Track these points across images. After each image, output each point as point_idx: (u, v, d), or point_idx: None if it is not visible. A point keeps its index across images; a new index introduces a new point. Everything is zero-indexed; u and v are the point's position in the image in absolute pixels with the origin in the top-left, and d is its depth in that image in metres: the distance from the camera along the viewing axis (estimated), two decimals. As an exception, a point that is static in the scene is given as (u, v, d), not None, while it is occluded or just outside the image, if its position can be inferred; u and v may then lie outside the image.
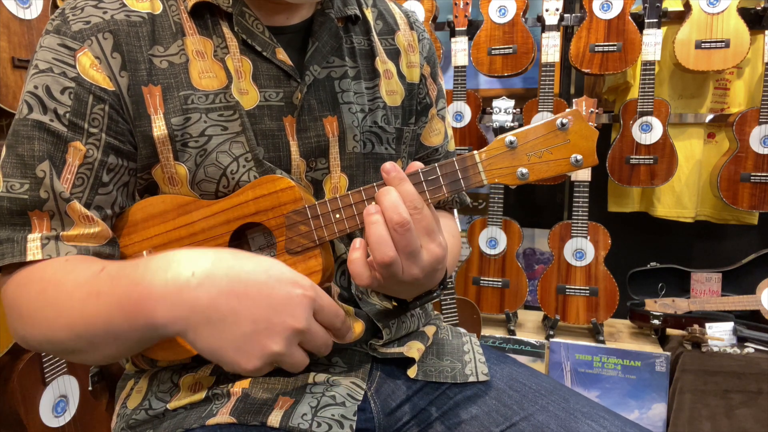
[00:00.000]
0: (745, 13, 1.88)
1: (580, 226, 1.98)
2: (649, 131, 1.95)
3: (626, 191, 2.18)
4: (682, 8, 1.98)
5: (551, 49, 1.99)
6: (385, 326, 0.75)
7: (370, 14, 0.81)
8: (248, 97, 0.68)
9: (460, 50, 2.09)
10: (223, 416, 0.65)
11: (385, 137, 0.77)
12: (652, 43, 1.90)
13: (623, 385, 1.92)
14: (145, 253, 0.67)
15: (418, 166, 0.60)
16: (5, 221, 0.61)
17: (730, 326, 1.86)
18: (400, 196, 0.57)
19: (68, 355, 0.62)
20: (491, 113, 1.94)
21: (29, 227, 0.62)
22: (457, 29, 2.10)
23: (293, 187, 0.63)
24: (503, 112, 1.91)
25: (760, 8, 1.87)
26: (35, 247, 0.61)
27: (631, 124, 1.97)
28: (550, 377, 0.79)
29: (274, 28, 0.71)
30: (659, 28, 1.90)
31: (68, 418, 1.57)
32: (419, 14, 2.14)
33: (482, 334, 2.08)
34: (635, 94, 2.01)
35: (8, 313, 0.63)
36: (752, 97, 2.05)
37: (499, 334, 2.08)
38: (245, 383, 0.70)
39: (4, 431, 1.46)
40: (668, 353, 1.87)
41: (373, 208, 0.57)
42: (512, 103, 1.91)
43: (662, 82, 2.10)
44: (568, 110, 0.59)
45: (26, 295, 0.61)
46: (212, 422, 0.65)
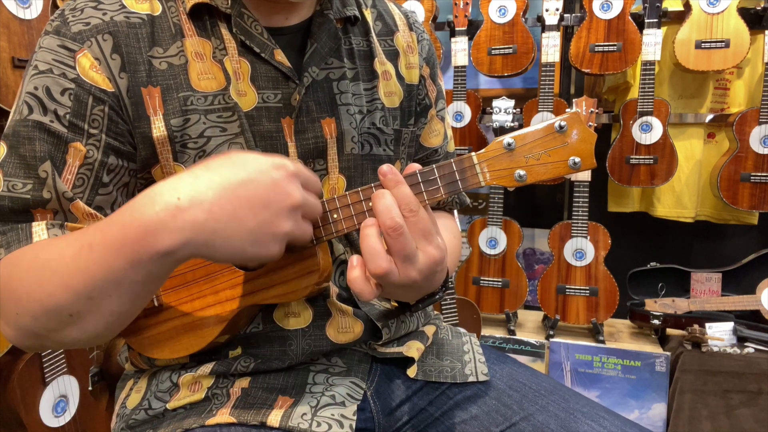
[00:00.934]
0: (745, 13, 1.88)
1: (580, 226, 1.98)
2: (649, 131, 1.95)
3: (626, 191, 2.18)
4: (682, 8, 1.98)
5: (551, 49, 1.99)
6: (384, 326, 0.75)
7: (369, 15, 0.81)
8: (247, 98, 0.68)
9: (460, 50, 2.10)
10: (222, 416, 0.65)
11: (383, 138, 0.77)
12: (652, 43, 1.90)
13: (623, 385, 1.92)
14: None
15: (416, 167, 0.60)
16: (7, 219, 0.61)
17: (730, 326, 1.86)
18: (394, 199, 0.56)
19: (67, 327, 0.58)
20: (491, 113, 1.94)
21: (32, 220, 0.62)
22: (457, 29, 2.10)
23: None
24: (503, 112, 1.91)
25: (760, 8, 1.87)
26: (41, 229, 0.61)
27: (631, 124, 1.97)
28: (550, 377, 0.79)
29: (272, 29, 0.71)
30: (659, 28, 1.90)
31: (68, 418, 1.58)
32: (419, 14, 2.14)
33: (482, 334, 2.08)
34: (635, 94, 2.01)
35: (2, 292, 0.59)
36: (752, 97, 2.05)
37: (499, 334, 2.08)
38: (245, 383, 0.70)
39: (4, 431, 1.46)
40: (668, 353, 1.87)
41: (369, 220, 0.58)
42: (512, 103, 1.91)
43: (662, 82, 2.10)
44: (566, 113, 0.59)
45: (17, 268, 0.59)
46: (212, 422, 0.65)
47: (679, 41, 1.91)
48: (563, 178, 2.14)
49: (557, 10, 1.99)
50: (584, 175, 1.95)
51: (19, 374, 1.43)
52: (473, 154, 0.59)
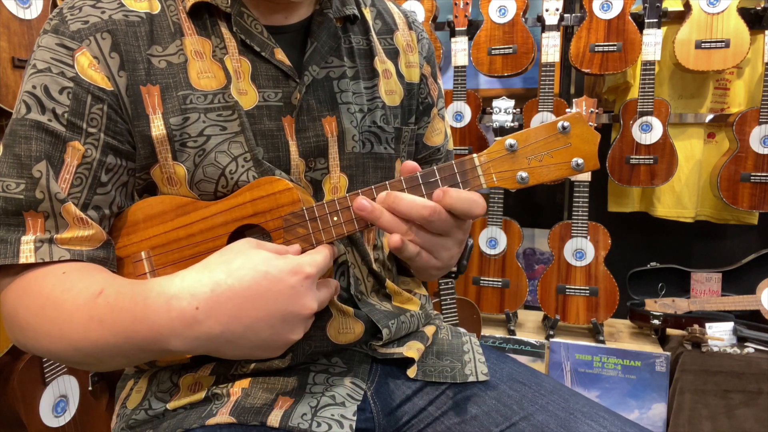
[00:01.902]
0: (745, 13, 1.88)
1: (580, 226, 1.98)
2: (649, 131, 1.95)
3: (626, 191, 2.18)
4: (682, 8, 1.98)
5: (551, 49, 1.99)
6: (384, 326, 0.75)
7: (368, 14, 0.81)
8: (247, 97, 0.68)
9: (460, 50, 2.09)
10: (222, 416, 0.65)
11: (384, 137, 0.77)
12: (652, 43, 1.90)
13: (623, 385, 1.91)
14: (143, 254, 0.67)
15: (411, 165, 0.60)
16: (0, 221, 0.61)
17: (730, 326, 1.86)
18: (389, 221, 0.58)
19: (73, 365, 0.64)
20: (491, 113, 1.93)
21: (23, 228, 0.61)
22: (457, 29, 2.09)
23: (291, 189, 0.63)
24: (503, 112, 1.91)
25: (760, 8, 1.87)
26: (28, 249, 0.61)
27: (631, 124, 1.96)
28: (550, 377, 0.79)
29: (272, 27, 0.71)
30: (659, 28, 1.90)
31: (68, 418, 1.57)
32: (419, 14, 2.14)
33: (482, 334, 2.08)
34: (635, 94, 2.01)
35: (7, 320, 0.63)
36: (752, 97, 2.04)
37: (499, 334, 2.08)
38: (245, 383, 0.70)
39: (4, 431, 1.46)
40: (668, 353, 1.87)
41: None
42: (512, 103, 1.91)
43: (662, 82, 2.10)
44: (569, 112, 0.58)
45: (25, 308, 0.61)
46: (212, 422, 0.65)
47: (679, 41, 1.91)
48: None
49: (557, 10, 1.98)
50: (584, 175, 1.95)
51: (19, 374, 1.43)
52: (474, 156, 0.59)
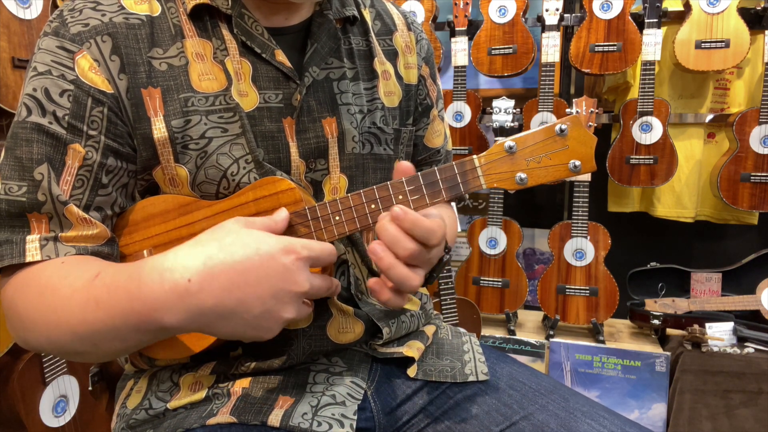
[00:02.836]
0: (745, 13, 1.88)
1: (580, 226, 1.98)
2: (649, 131, 1.95)
3: (626, 191, 2.18)
4: (682, 8, 1.98)
5: (551, 49, 1.99)
6: (384, 326, 0.75)
7: (368, 15, 0.81)
8: (248, 98, 0.68)
9: (460, 50, 2.10)
10: (223, 416, 0.66)
11: (383, 138, 0.77)
12: (652, 43, 1.90)
13: (623, 385, 1.92)
14: (145, 252, 0.67)
15: (405, 165, 0.61)
16: (4, 223, 0.61)
17: (730, 326, 1.86)
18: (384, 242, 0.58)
19: (71, 356, 0.64)
20: (491, 113, 1.94)
21: (28, 229, 0.62)
22: (457, 29, 2.10)
23: (294, 188, 0.63)
24: (503, 112, 1.91)
25: (760, 8, 1.87)
26: (34, 248, 0.61)
27: (631, 124, 1.97)
28: (549, 377, 0.79)
29: (272, 29, 0.71)
30: (659, 28, 1.90)
31: (68, 418, 1.58)
32: (419, 14, 2.14)
33: (482, 334, 2.08)
34: (635, 94, 2.01)
35: (8, 315, 0.63)
36: (752, 97, 2.05)
37: (499, 334, 2.08)
38: (245, 382, 0.70)
39: (4, 431, 1.46)
40: (668, 353, 1.87)
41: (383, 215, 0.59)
42: (512, 103, 1.91)
43: (662, 82, 2.10)
44: (567, 115, 0.59)
45: (25, 299, 0.61)
46: (212, 422, 0.65)
47: (679, 41, 1.91)
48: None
49: (557, 10, 1.99)
50: (584, 175, 1.95)
51: (19, 374, 1.43)
52: (474, 157, 0.60)
